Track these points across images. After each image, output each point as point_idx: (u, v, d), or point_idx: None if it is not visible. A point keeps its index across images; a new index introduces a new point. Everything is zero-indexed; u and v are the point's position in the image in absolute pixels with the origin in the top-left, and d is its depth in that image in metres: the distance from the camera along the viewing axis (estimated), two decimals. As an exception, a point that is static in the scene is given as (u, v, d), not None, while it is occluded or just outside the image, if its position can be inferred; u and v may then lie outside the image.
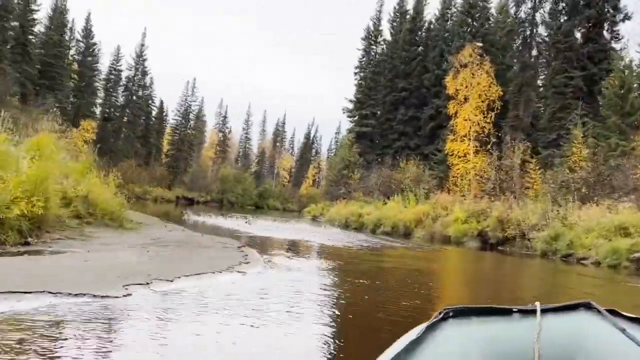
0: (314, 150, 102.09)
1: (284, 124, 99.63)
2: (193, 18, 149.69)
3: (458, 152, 30.70)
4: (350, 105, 40.77)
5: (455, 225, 21.51)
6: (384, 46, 42.17)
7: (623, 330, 1.26)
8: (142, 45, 56.33)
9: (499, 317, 1.42)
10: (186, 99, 67.73)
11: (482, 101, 30.88)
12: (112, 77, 54.91)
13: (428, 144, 35.96)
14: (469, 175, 29.35)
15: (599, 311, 1.38)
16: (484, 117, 30.65)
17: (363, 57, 42.65)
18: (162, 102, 69.92)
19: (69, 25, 48.61)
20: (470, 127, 30.66)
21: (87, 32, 49.73)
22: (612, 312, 1.38)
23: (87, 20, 49.71)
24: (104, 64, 54.00)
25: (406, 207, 25.91)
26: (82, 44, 49.81)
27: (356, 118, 40.10)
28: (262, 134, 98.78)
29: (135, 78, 56.56)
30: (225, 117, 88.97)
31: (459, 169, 30.07)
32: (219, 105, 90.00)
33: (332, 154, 46.33)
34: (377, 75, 40.72)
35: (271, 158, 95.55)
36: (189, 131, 68.45)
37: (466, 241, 20.65)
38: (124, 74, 56.23)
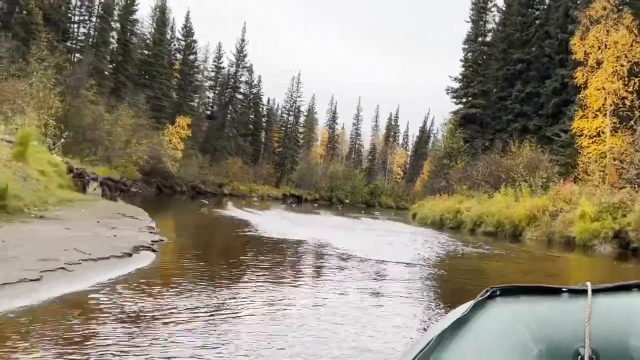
0: (429, 144, 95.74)
1: (397, 117, 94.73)
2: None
3: (589, 131, 24.00)
4: (456, 85, 35.23)
5: (581, 223, 15.82)
6: (496, 13, 35.98)
7: None
8: (243, 40, 55.88)
9: (547, 297, 1.40)
10: (292, 95, 66.40)
11: (621, 65, 23.86)
12: (213, 74, 55.18)
13: (552, 124, 29.31)
14: (604, 159, 22.66)
15: None
16: (624, 86, 23.62)
17: (472, 29, 36.82)
18: (269, 100, 69.54)
19: (170, 23, 49.38)
20: (605, 99, 23.83)
21: (187, 30, 50.19)
22: None
23: (187, 18, 50.20)
24: (204, 61, 54.39)
25: (517, 201, 20.41)
26: (182, 42, 50.39)
27: (462, 99, 34.49)
28: (374, 129, 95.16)
29: (237, 74, 56.30)
30: (335, 113, 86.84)
31: (590, 152, 23.42)
32: (330, 102, 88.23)
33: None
34: (488, 47, 34.74)
35: (383, 154, 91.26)
36: (298, 127, 67.08)
37: (597, 245, 14.96)
38: (225, 71, 56.25)
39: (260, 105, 66.42)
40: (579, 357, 1.23)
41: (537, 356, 1.25)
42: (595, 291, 1.36)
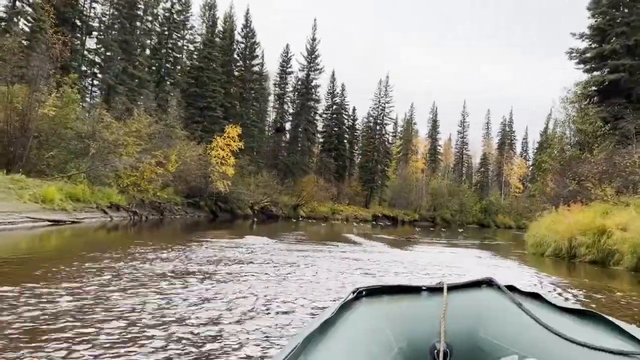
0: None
1: (512, 121, 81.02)
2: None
3: None
4: (582, 44, 23.92)
5: None
6: None
7: (519, 305, 1.37)
8: (314, 40, 48.67)
9: (409, 295, 1.49)
10: (379, 101, 57.60)
11: None
12: (281, 80, 48.55)
13: None
14: None
15: (499, 287, 1.49)
16: None
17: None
18: (354, 109, 61.52)
19: (220, 23, 43.69)
20: None
21: (248, 32, 44.23)
22: (511, 288, 1.49)
23: (247, 17, 44.20)
24: (267, 66, 47.97)
25: None
26: (241, 45, 44.44)
27: (595, 62, 23.09)
28: (485, 137, 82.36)
29: (308, 79, 49.14)
30: (435, 120, 76.14)
31: None
32: (431, 110, 77.62)
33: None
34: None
35: (497, 165, 78.00)
36: (387, 137, 57.94)
37: None
38: (293, 75, 49.38)
39: (344, 115, 58.61)
40: (435, 351, 1.33)
41: (399, 352, 1.32)
42: (450, 288, 1.48)
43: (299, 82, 49.00)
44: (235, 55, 44.15)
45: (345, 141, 60.00)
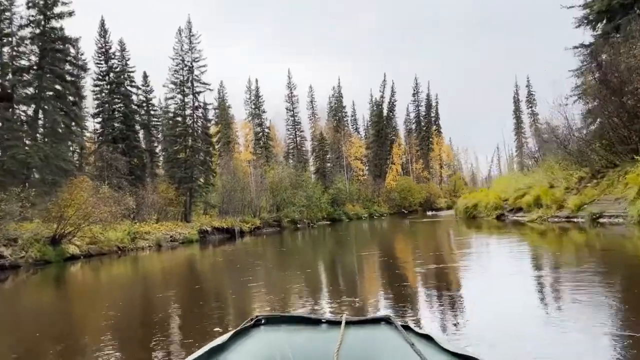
0: (394, 123, 70.51)
1: (341, 96, 68.57)
2: None
3: None
4: None
5: None
6: None
7: (412, 345, 1.34)
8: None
9: (307, 327, 1.46)
10: (183, 60, 37.52)
11: None
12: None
13: None
14: None
15: (395, 326, 1.46)
16: None
17: None
18: (145, 76, 40.75)
19: None
20: None
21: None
22: (406, 328, 1.47)
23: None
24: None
25: None
26: None
27: None
28: (311, 117, 68.17)
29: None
30: (258, 97, 59.02)
31: None
32: (248, 90, 59.98)
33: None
34: None
35: (335, 146, 64.60)
36: (202, 113, 38.08)
37: None
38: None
39: (130, 87, 37.51)
40: None
41: None
42: (348, 323, 1.45)
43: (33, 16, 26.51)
44: None
45: (138, 126, 38.82)
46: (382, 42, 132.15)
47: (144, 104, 40.05)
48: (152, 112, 40.33)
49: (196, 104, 37.35)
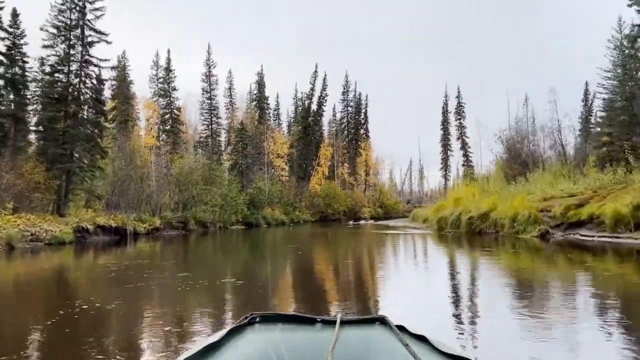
0: (321, 120, 63.45)
1: (264, 83, 60.42)
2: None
3: None
4: None
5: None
6: None
7: (406, 346, 1.32)
8: None
9: (302, 326, 1.46)
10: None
11: None
12: None
13: None
14: None
15: (390, 327, 1.45)
16: None
17: None
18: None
19: None
20: None
21: None
22: (401, 328, 1.45)
23: None
24: None
25: None
26: None
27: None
28: (229, 105, 59.20)
29: None
30: (169, 69, 49.04)
31: None
32: (155, 63, 49.68)
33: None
34: None
35: (256, 140, 56.10)
36: (94, 70, 27.99)
37: None
38: None
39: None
40: None
41: None
42: (343, 323, 1.44)
43: None
44: None
45: (0, 81, 27.90)
46: (311, 39, 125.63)
47: (11, 52, 29.10)
48: (22, 64, 29.37)
49: (86, 57, 27.33)
